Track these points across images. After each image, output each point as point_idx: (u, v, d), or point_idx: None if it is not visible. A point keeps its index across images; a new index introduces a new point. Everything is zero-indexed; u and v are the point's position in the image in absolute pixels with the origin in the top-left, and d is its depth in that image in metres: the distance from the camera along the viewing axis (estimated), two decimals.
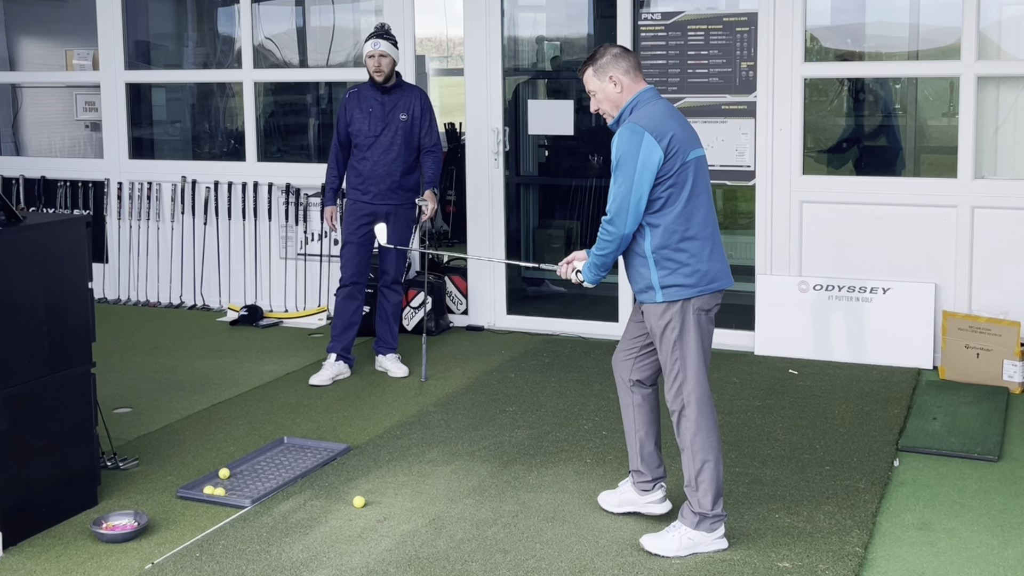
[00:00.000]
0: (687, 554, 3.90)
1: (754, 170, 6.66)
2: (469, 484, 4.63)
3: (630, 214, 3.79)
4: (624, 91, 3.90)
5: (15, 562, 4.00)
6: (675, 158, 3.80)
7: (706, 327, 3.93)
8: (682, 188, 3.82)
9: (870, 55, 7.31)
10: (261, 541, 4.11)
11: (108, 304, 8.39)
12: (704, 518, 3.92)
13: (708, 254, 3.87)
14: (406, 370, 6.35)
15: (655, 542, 3.95)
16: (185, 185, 8.26)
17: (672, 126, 3.83)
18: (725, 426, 5.30)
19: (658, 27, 6.80)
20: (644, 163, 3.75)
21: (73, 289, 4.35)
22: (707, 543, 3.93)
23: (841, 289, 6.46)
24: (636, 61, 3.96)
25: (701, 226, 3.86)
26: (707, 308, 3.92)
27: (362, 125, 6.18)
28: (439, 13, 10.97)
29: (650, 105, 3.88)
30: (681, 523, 3.96)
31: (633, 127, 3.79)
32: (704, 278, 3.87)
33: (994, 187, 6.27)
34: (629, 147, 3.77)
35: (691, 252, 3.84)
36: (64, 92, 9.29)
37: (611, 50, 3.94)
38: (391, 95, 6.23)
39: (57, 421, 4.29)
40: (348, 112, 6.21)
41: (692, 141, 3.89)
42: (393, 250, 6.25)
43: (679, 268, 3.85)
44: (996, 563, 3.86)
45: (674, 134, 3.81)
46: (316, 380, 6.17)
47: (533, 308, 7.69)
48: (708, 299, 3.91)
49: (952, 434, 5.14)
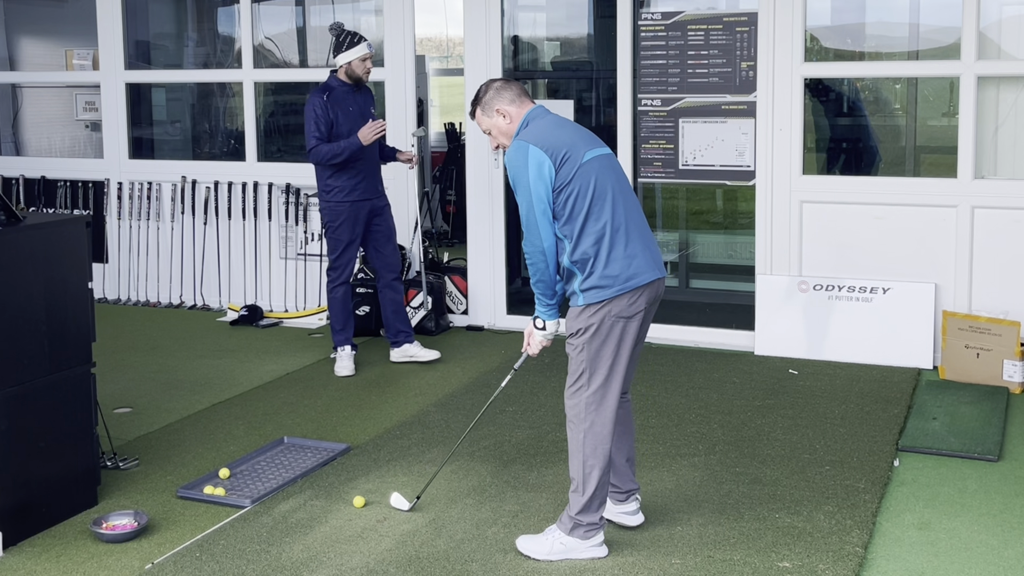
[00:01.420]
0: (558, 559, 3.88)
1: (754, 170, 6.66)
2: (469, 484, 4.63)
3: (540, 226, 3.78)
4: (513, 120, 3.94)
5: (15, 562, 4.00)
6: (567, 164, 3.79)
7: (625, 335, 3.82)
8: (586, 191, 3.78)
9: (870, 55, 7.31)
10: (261, 541, 4.11)
11: (108, 304, 8.40)
12: (579, 525, 3.88)
13: (624, 251, 3.78)
14: (437, 352, 6.59)
15: (528, 543, 3.95)
16: (185, 185, 8.26)
17: (559, 135, 3.84)
18: (725, 426, 5.31)
19: (658, 27, 6.80)
20: (536, 174, 3.77)
21: (73, 289, 4.35)
22: (581, 550, 3.89)
23: (841, 289, 6.46)
24: (520, 88, 3.99)
25: (615, 224, 3.80)
26: (628, 315, 3.80)
27: (346, 126, 6.26)
28: (439, 13, 10.98)
29: (536, 121, 3.90)
30: (557, 527, 3.93)
31: (517, 144, 3.83)
32: (619, 278, 3.78)
33: (994, 187, 6.27)
34: (517, 163, 3.81)
35: (607, 253, 3.78)
36: (64, 92, 9.30)
37: (493, 85, 3.99)
38: (361, 94, 6.40)
39: (57, 421, 4.29)
40: (332, 113, 6.23)
41: (586, 143, 3.88)
42: (391, 247, 6.48)
43: (594, 271, 3.79)
44: (996, 563, 3.86)
45: (561, 141, 3.81)
46: (346, 372, 6.34)
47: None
48: (628, 302, 3.79)
49: (952, 434, 5.14)
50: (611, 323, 3.80)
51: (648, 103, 6.86)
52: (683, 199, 8.46)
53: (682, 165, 6.83)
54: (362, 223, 6.36)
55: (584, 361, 3.85)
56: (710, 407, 5.63)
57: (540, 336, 4.04)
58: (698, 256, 8.44)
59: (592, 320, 3.81)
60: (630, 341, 3.85)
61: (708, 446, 5.05)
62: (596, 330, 3.81)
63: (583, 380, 3.85)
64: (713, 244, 8.53)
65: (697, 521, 4.21)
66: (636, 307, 3.82)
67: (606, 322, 3.80)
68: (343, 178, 6.28)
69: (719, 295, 7.88)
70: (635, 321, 3.84)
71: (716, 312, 7.33)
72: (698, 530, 4.13)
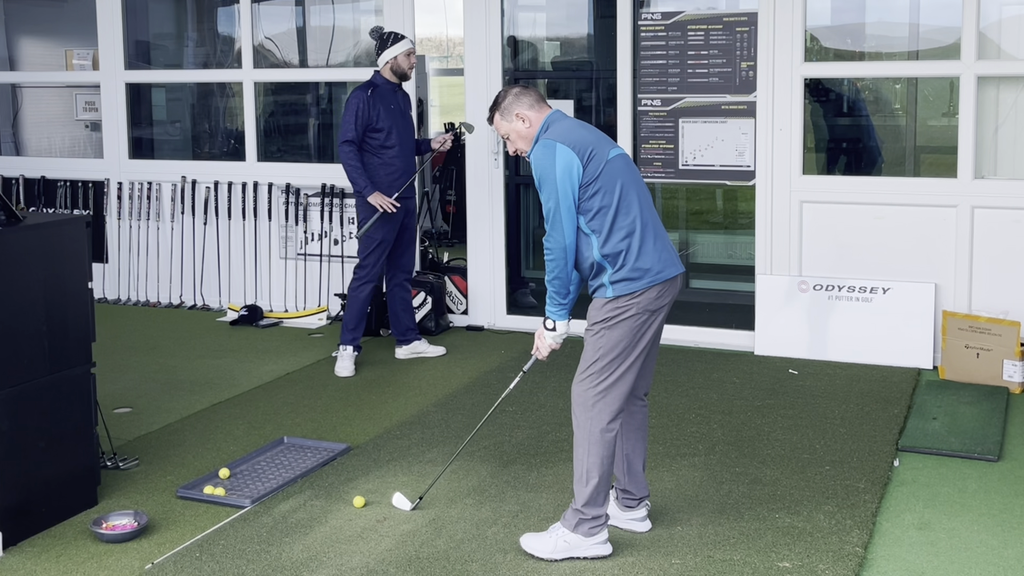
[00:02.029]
0: (562, 557, 3.87)
1: (754, 170, 6.66)
2: (469, 484, 4.63)
3: (564, 223, 3.80)
4: (532, 124, 3.98)
5: (15, 562, 4.00)
6: (593, 161, 3.83)
7: (646, 329, 3.85)
8: (613, 187, 3.83)
9: (870, 55, 7.31)
10: (261, 541, 4.11)
11: (108, 304, 8.40)
12: (583, 520, 3.87)
13: (653, 245, 3.85)
14: (442, 348, 6.71)
15: (532, 541, 3.94)
16: (185, 185, 8.26)
17: (582, 134, 3.90)
18: (725, 426, 5.31)
19: (658, 27, 6.80)
20: (564, 171, 3.80)
21: (73, 289, 4.35)
22: (585, 547, 3.88)
23: (841, 289, 6.46)
24: (537, 95, 4.03)
25: (643, 219, 3.86)
26: (653, 308, 3.85)
27: (388, 122, 6.35)
28: (439, 13, 10.98)
29: (557, 124, 3.95)
30: (561, 525, 3.92)
31: (544, 142, 3.87)
32: (651, 271, 3.83)
33: (994, 187, 6.27)
34: (545, 161, 3.83)
35: (639, 246, 3.83)
36: (64, 92, 9.29)
37: (511, 91, 4.04)
38: (399, 92, 6.49)
39: (57, 421, 4.29)
40: (374, 110, 6.29)
41: (606, 143, 3.94)
42: (413, 250, 6.64)
43: (626, 264, 3.82)
44: (996, 563, 3.86)
45: (586, 140, 3.87)
46: (346, 372, 6.35)
47: (533, 308, 7.68)
48: (656, 295, 3.84)
49: (952, 434, 5.14)
50: (635, 315, 3.83)
51: (648, 103, 6.86)
52: (683, 199, 8.46)
53: (682, 165, 6.83)
54: (397, 222, 6.44)
55: (601, 348, 3.86)
56: (710, 407, 5.63)
57: (550, 338, 4.04)
58: (698, 256, 8.44)
59: (617, 311, 3.84)
60: (649, 336, 3.88)
61: (708, 446, 5.05)
62: (619, 320, 3.83)
63: (595, 368, 3.87)
64: (713, 244, 8.53)
65: (697, 521, 4.21)
66: (662, 300, 3.87)
67: (629, 313, 3.83)
68: (382, 172, 6.37)
69: (719, 295, 7.88)
70: (659, 316, 3.89)
71: (716, 312, 7.33)
72: (698, 530, 4.13)
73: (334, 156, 8.88)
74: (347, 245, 7.79)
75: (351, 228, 7.76)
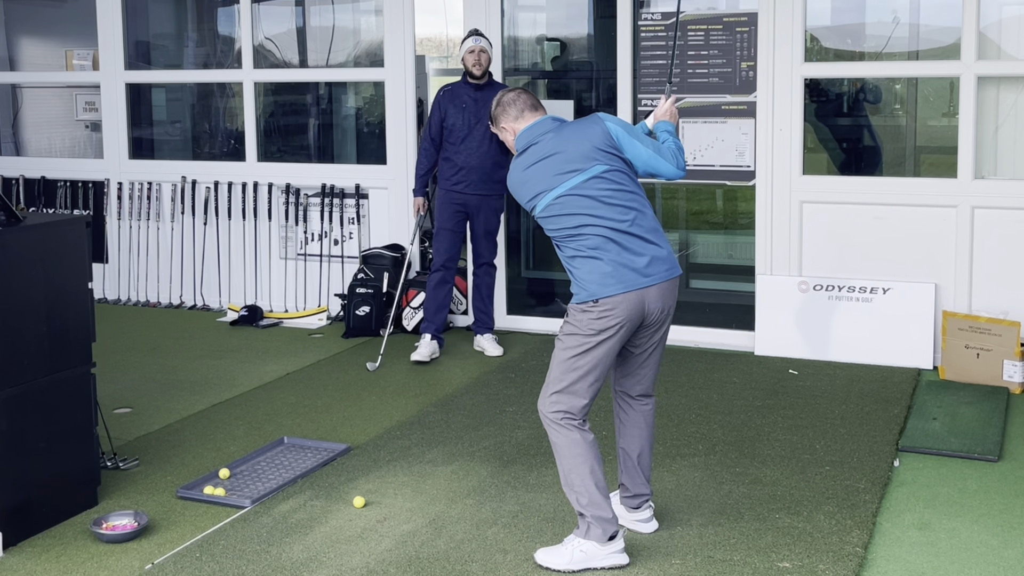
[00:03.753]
0: (579, 568, 3.79)
1: (754, 170, 6.66)
2: (469, 484, 4.63)
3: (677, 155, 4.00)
4: (515, 136, 4.06)
5: (15, 562, 4.00)
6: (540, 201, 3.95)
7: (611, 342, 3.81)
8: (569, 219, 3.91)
9: (870, 55, 7.31)
10: (261, 541, 4.11)
11: (108, 304, 8.40)
12: (593, 524, 3.79)
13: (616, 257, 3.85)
14: (501, 350, 6.74)
15: (547, 556, 3.86)
16: (185, 185, 8.26)
17: (531, 177, 3.99)
18: (725, 426, 5.31)
19: (658, 27, 6.80)
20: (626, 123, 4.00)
21: (73, 289, 4.35)
22: (601, 557, 3.80)
23: (841, 289, 6.46)
24: (526, 102, 4.06)
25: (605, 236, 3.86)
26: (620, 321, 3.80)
27: (456, 120, 6.52)
28: (439, 13, 10.96)
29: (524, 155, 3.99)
30: (575, 535, 3.86)
31: (592, 117, 4.00)
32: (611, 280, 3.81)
33: (994, 187, 6.27)
34: (615, 121, 3.96)
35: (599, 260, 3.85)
36: (64, 92, 9.29)
37: (502, 100, 4.10)
38: (483, 91, 6.55)
39: (57, 421, 4.29)
40: (443, 108, 6.56)
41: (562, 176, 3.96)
42: (484, 235, 6.71)
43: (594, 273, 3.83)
44: (996, 563, 3.86)
45: (530, 186, 3.98)
46: (417, 356, 6.52)
47: (533, 308, 7.68)
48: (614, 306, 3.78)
49: (952, 434, 5.14)
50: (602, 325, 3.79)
51: (648, 103, 6.85)
52: (683, 199, 8.46)
53: None
54: (459, 214, 6.62)
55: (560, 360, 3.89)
56: (710, 407, 5.62)
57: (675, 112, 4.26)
58: (698, 256, 8.44)
59: (584, 316, 3.80)
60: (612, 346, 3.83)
61: (708, 446, 5.05)
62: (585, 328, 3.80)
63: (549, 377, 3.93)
64: (713, 244, 8.52)
65: (697, 521, 4.21)
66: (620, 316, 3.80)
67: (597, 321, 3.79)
68: (444, 169, 6.63)
69: (719, 295, 7.88)
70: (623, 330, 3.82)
71: (716, 312, 7.33)
72: (698, 530, 4.13)
73: (334, 156, 8.90)
74: (347, 245, 7.80)
75: (351, 228, 7.77)
